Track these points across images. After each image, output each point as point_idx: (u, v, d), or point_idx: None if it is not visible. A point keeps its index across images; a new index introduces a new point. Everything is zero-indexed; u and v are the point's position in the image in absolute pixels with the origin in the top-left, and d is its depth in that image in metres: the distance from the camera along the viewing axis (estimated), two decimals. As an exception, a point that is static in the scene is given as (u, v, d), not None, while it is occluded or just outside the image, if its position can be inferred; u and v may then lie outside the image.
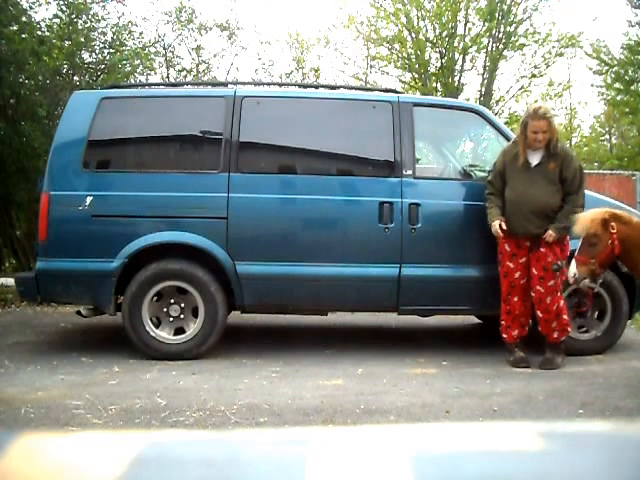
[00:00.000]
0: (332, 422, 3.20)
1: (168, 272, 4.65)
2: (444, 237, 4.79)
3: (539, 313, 4.45)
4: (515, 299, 4.47)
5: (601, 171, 17.69)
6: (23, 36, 8.24)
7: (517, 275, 4.44)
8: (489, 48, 15.33)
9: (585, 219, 3.97)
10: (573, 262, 3.97)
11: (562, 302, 4.45)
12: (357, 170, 5.01)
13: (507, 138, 5.01)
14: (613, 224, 3.94)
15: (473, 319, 6.12)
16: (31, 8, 9.27)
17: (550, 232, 4.30)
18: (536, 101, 15.25)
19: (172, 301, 4.68)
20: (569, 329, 4.53)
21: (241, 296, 4.68)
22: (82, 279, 4.62)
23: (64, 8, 9.31)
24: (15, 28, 8.39)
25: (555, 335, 4.46)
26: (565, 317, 4.47)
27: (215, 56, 15.11)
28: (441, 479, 0.43)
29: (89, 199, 4.61)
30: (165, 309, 4.69)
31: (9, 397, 3.58)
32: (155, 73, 12.57)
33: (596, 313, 4.91)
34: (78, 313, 5.18)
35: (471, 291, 4.78)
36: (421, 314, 5.38)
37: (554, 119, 4.43)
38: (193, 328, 4.64)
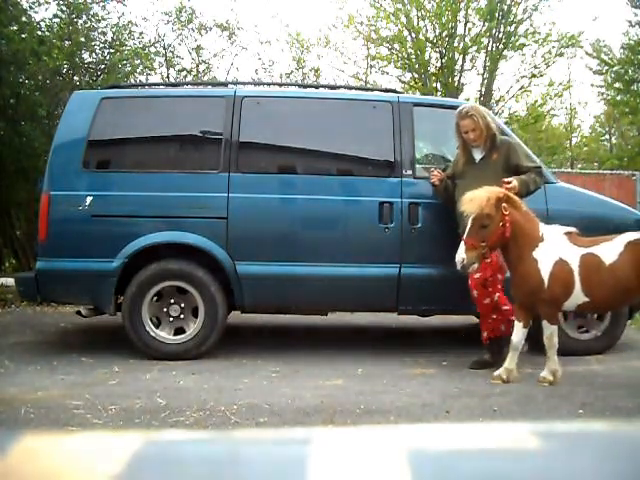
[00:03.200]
0: (332, 422, 3.20)
1: (168, 272, 4.65)
2: (444, 237, 4.79)
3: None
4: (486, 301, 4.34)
5: (601, 171, 17.69)
6: (23, 36, 8.25)
7: (477, 276, 4.28)
8: (489, 48, 15.33)
9: (479, 197, 3.77)
10: (462, 246, 3.80)
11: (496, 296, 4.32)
12: (357, 170, 5.01)
13: (507, 138, 5.00)
14: (505, 205, 3.80)
15: (473, 319, 6.11)
16: (31, 8, 9.28)
17: (515, 183, 4.12)
18: (467, 99, 15.19)
19: (172, 301, 4.68)
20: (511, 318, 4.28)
21: (241, 296, 4.68)
22: (82, 279, 4.62)
23: (64, 8, 9.32)
24: (15, 28, 8.40)
25: (502, 329, 4.33)
26: (505, 308, 4.31)
27: (215, 56, 15.14)
28: (441, 479, 0.43)
29: (89, 199, 4.61)
30: (165, 309, 4.69)
31: (9, 397, 3.58)
32: (155, 73, 12.59)
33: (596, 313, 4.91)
34: (78, 313, 5.18)
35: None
36: (421, 314, 5.38)
37: (482, 116, 4.36)
38: (193, 328, 4.64)
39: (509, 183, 4.10)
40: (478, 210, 3.74)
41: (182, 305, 4.69)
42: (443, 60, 15.02)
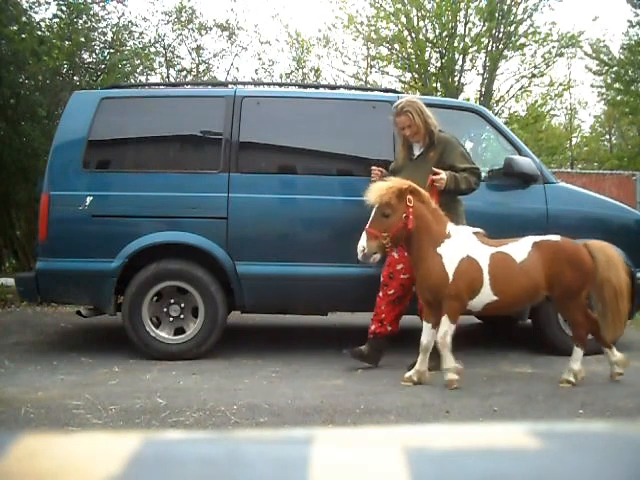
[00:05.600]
0: (332, 422, 3.20)
1: (168, 272, 4.65)
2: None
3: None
4: (390, 292, 4.29)
5: (601, 171, 17.71)
6: (23, 36, 8.24)
7: (399, 267, 4.28)
8: (489, 48, 15.33)
9: (381, 186, 3.75)
10: (363, 235, 3.76)
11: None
12: (357, 170, 5.00)
13: (507, 138, 5.01)
14: (410, 197, 3.75)
15: (473, 319, 6.11)
16: (31, 8, 9.29)
17: (443, 175, 4.07)
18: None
19: (172, 301, 4.69)
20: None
21: (241, 296, 4.68)
22: (82, 279, 4.63)
23: (64, 8, 9.32)
24: (15, 28, 8.40)
25: (388, 329, 4.37)
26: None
27: (215, 56, 15.15)
28: (441, 479, 0.43)
29: (89, 199, 4.61)
30: (165, 309, 4.69)
31: (9, 397, 3.58)
32: (155, 73, 12.62)
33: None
34: (78, 313, 5.19)
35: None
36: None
37: (419, 112, 4.26)
38: (193, 328, 4.64)
39: (438, 174, 4.07)
40: (379, 200, 3.72)
41: (182, 305, 4.69)
42: (443, 60, 15.03)
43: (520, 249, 3.88)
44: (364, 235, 3.76)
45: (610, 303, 3.86)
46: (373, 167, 4.45)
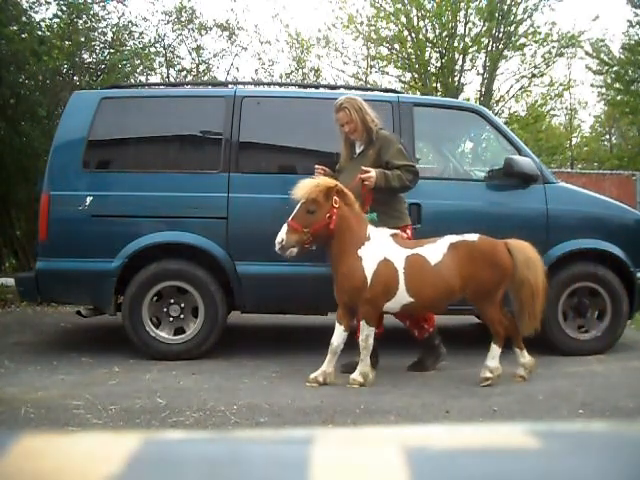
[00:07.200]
0: (332, 422, 3.20)
1: (168, 272, 4.65)
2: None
3: None
4: None
5: (601, 171, 17.71)
6: (23, 36, 8.24)
7: None
8: (489, 48, 15.33)
9: (310, 183, 3.81)
10: (284, 227, 3.79)
11: None
12: (357, 170, 5.00)
13: (507, 138, 5.01)
14: (337, 198, 3.80)
15: (473, 319, 6.11)
16: (31, 8, 9.28)
17: (373, 173, 4.02)
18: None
19: (172, 301, 4.68)
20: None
21: (241, 296, 4.68)
22: (82, 279, 4.63)
23: (64, 8, 9.31)
24: (15, 28, 8.39)
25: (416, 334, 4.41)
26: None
27: (215, 56, 15.14)
28: (441, 479, 0.43)
29: (89, 199, 4.61)
30: (165, 309, 4.69)
31: (9, 397, 3.58)
32: (155, 73, 12.61)
33: (596, 313, 4.91)
34: (78, 313, 5.18)
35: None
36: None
37: (357, 109, 4.21)
38: (193, 328, 4.64)
39: (367, 172, 4.03)
40: (306, 196, 3.77)
41: (182, 305, 4.69)
42: (443, 60, 15.02)
43: (435, 251, 3.90)
44: (285, 227, 3.79)
45: (527, 302, 3.94)
46: (317, 165, 4.40)
